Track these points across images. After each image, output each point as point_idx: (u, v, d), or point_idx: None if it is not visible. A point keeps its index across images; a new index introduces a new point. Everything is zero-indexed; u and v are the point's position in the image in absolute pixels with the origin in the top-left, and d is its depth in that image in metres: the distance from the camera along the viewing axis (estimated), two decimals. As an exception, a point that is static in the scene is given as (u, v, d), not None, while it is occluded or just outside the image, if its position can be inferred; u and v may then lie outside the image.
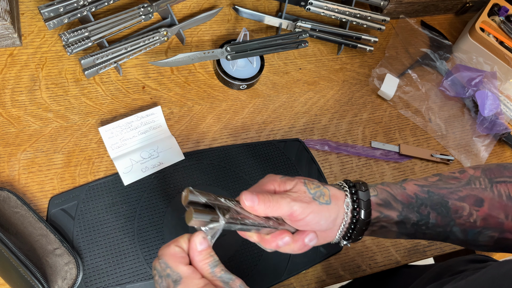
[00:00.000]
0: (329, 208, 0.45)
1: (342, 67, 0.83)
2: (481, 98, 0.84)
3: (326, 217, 0.45)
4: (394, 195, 0.48)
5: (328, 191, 0.46)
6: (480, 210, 0.47)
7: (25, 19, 0.70)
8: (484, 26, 0.87)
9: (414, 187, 0.49)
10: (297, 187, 0.45)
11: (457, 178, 0.49)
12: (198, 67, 0.75)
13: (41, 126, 0.64)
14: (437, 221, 0.48)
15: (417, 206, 0.48)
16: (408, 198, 0.48)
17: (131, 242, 0.60)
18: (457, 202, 0.47)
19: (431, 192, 0.48)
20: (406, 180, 0.50)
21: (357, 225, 0.46)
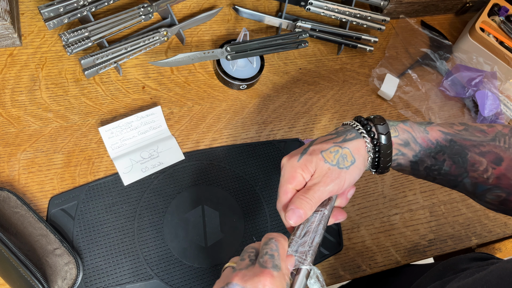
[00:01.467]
0: (356, 166, 0.46)
1: (342, 67, 0.83)
2: (481, 98, 0.84)
3: (358, 174, 0.46)
4: (414, 137, 0.48)
5: (349, 150, 0.46)
6: (497, 168, 0.47)
7: (25, 19, 0.70)
8: (484, 26, 0.87)
9: (437, 133, 0.49)
10: (319, 168, 0.45)
11: (483, 131, 0.49)
12: (198, 67, 0.75)
13: (41, 126, 0.64)
14: (450, 169, 0.48)
15: (434, 152, 0.48)
16: (428, 142, 0.48)
17: (131, 242, 0.60)
18: (477, 156, 0.47)
19: (453, 141, 0.48)
20: (431, 124, 0.50)
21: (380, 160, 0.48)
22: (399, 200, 0.74)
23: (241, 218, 0.65)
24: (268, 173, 0.69)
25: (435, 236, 0.72)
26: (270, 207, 0.67)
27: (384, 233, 0.70)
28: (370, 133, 0.47)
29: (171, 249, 0.60)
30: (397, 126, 0.49)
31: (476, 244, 0.78)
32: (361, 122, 0.48)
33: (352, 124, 0.49)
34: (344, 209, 0.70)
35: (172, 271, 0.59)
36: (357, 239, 0.69)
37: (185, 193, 0.64)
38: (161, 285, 0.58)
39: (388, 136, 0.47)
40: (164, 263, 0.60)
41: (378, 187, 0.74)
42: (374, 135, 0.47)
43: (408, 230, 0.71)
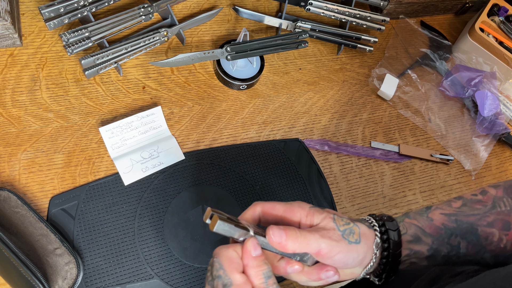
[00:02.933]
0: (358, 247, 0.43)
1: (342, 67, 0.84)
2: (481, 98, 0.84)
3: (354, 257, 0.43)
4: (422, 228, 0.46)
5: (358, 229, 0.43)
6: (509, 233, 0.46)
7: (26, 19, 0.70)
8: (483, 26, 0.87)
9: (441, 217, 0.47)
10: (325, 221, 0.43)
11: (481, 201, 0.48)
12: (198, 67, 0.75)
13: (42, 126, 0.64)
14: (467, 250, 0.46)
15: (447, 237, 0.46)
16: (437, 230, 0.46)
17: (131, 242, 0.60)
18: (486, 228, 0.46)
19: (459, 221, 0.47)
20: (431, 209, 0.48)
21: (387, 265, 0.44)
22: (399, 200, 0.74)
23: (241, 218, 0.65)
24: (268, 173, 0.69)
25: (435, 236, 0.72)
26: (270, 207, 0.67)
27: (384, 233, 0.70)
28: (381, 228, 0.45)
29: (171, 249, 0.61)
30: (404, 222, 0.46)
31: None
32: (373, 216, 0.47)
33: (367, 218, 0.47)
34: (344, 209, 0.70)
35: (172, 271, 0.60)
36: (357, 239, 0.69)
37: (185, 193, 0.64)
38: (161, 285, 0.58)
39: (398, 233, 0.44)
40: (164, 263, 0.60)
41: (378, 187, 0.74)
42: (385, 231, 0.44)
43: (408, 230, 0.72)
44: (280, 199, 0.68)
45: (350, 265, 0.43)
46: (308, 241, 0.41)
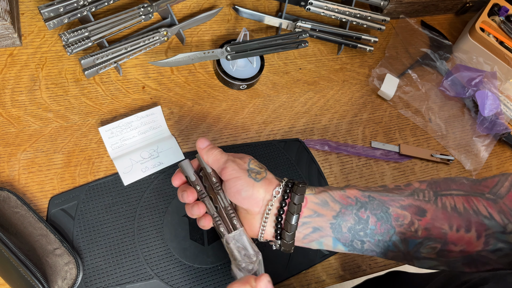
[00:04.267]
0: (254, 184, 0.47)
1: (342, 67, 0.83)
2: (481, 98, 0.84)
3: (247, 190, 0.46)
4: (332, 196, 0.47)
5: (265, 175, 0.48)
6: (422, 220, 0.45)
7: (25, 19, 0.70)
8: (484, 26, 0.87)
9: (354, 191, 0.47)
10: (244, 157, 0.49)
11: (400, 189, 0.48)
12: (198, 67, 0.75)
13: (41, 126, 0.64)
14: (376, 227, 0.46)
15: (356, 209, 0.46)
16: (347, 200, 0.46)
17: (131, 242, 0.60)
18: (399, 209, 0.46)
19: (372, 197, 0.47)
20: (348, 186, 0.49)
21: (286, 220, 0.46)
22: (399, 200, 0.74)
23: (241, 218, 0.65)
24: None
25: (435, 236, 0.72)
26: (270, 207, 0.66)
27: (384, 233, 0.70)
28: (288, 182, 0.47)
29: (171, 249, 0.60)
30: (315, 188, 0.48)
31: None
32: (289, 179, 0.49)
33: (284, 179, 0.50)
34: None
35: (172, 271, 0.59)
36: (357, 239, 0.69)
37: (185, 193, 0.64)
38: (161, 285, 0.58)
39: (303, 189, 0.46)
40: (164, 263, 0.60)
41: (378, 187, 0.74)
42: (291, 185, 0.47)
43: (408, 230, 0.71)
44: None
45: (243, 195, 0.47)
46: (220, 157, 0.49)
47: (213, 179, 0.50)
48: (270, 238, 0.49)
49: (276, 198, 0.46)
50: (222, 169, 0.48)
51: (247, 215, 0.48)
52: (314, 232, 0.47)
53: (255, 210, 0.47)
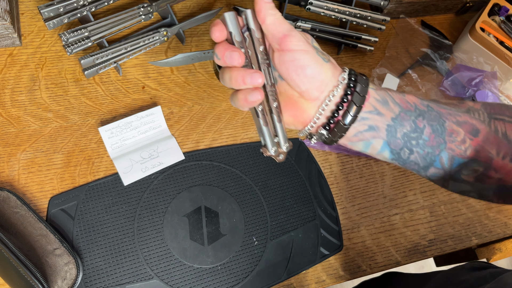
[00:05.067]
0: (323, 64, 0.40)
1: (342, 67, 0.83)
2: (482, 98, 0.84)
3: (315, 68, 0.40)
4: (392, 97, 0.42)
5: (330, 57, 0.41)
6: (474, 140, 0.43)
7: (25, 19, 0.70)
8: (484, 26, 0.87)
9: (413, 97, 0.44)
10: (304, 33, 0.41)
11: (456, 104, 0.45)
12: (198, 67, 0.75)
13: (41, 126, 0.64)
14: (429, 138, 0.43)
15: (414, 116, 0.43)
16: (407, 104, 0.43)
17: (131, 242, 0.60)
18: (454, 125, 0.43)
19: (430, 107, 0.44)
20: (405, 91, 0.45)
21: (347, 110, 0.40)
22: (399, 200, 0.73)
23: (241, 218, 0.65)
24: (268, 173, 0.69)
25: (435, 236, 0.72)
26: (270, 207, 0.66)
27: (384, 233, 0.70)
28: (351, 71, 0.42)
29: (171, 249, 0.60)
30: (373, 83, 0.43)
31: (476, 244, 0.78)
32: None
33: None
34: (344, 209, 0.70)
35: (172, 271, 0.59)
36: (357, 239, 0.69)
37: (185, 193, 0.64)
38: (161, 285, 0.58)
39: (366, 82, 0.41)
40: (164, 263, 0.59)
41: (378, 187, 0.74)
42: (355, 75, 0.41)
43: (408, 230, 0.71)
44: (280, 199, 0.68)
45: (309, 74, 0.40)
46: (284, 22, 0.39)
47: (261, 47, 0.41)
48: (317, 128, 0.43)
49: (342, 84, 0.41)
50: (285, 36, 0.39)
51: (299, 99, 0.42)
52: (368, 130, 0.42)
53: (314, 95, 0.41)
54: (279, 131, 0.42)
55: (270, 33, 0.39)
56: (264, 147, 0.42)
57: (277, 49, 0.40)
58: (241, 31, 0.40)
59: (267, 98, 0.41)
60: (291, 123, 0.43)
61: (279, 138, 0.42)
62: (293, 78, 0.40)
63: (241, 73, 0.38)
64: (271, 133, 0.42)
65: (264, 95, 0.40)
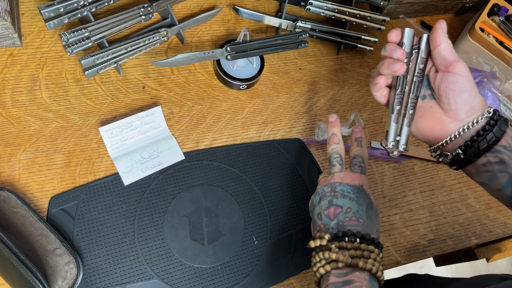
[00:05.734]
0: (478, 94, 0.45)
1: (342, 67, 0.83)
2: (481, 98, 0.84)
3: (471, 94, 0.45)
4: None
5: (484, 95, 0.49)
6: None
7: (25, 19, 0.70)
8: (484, 26, 0.87)
9: None
10: None
11: None
12: (198, 67, 0.75)
13: (41, 126, 0.64)
14: None
15: None
16: None
17: (131, 242, 0.60)
18: None
19: None
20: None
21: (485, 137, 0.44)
22: (399, 200, 0.74)
23: (241, 218, 0.65)
24: (268, 173, 0.69)
25: (435, 236, 0.72)
26: (270, 207, 0.67)
27: (384, 233, 0.70)
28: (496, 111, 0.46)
29: (171, 249, 0.60)
30: None
31: (476, 244, 0.78)
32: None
33: None
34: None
35: (172, 271, 0.59)
36: (357, 239, 0.69)
37: (185, 193, 0.64)
38: (161, 285, 0.58)
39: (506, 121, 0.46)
40: (164, 263, 0.60)
41: (378, 187, 0.74)
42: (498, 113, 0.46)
43: (408, 230, 0.72)
44: (280, 199, 0.68)
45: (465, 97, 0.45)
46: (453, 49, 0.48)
47: (421, 65, 0.50)
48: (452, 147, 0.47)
49: (486, 116, 0.45)
50: (455, 62, 0.46)
51: (442, 116, 0.47)
52: (498, 163, 0.45)
53: (461, 116, 0.46)
54: (404, 133, 0.50)
55: (441, 56, 0.47)
56: (385, 139, 0.51)
57: (443, 70, 0.47)
58: (411, 46, 0.51)
59: (406, 104, 0.50)
60: (426, 134, 0.49)
61: (401, 138, 0.51)
62: (449, 96, 0.46)
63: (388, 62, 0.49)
64: (396, 131, 0.51)
65: (406, 69, 0.49)
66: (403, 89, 0.51)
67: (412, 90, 0.50)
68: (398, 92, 0.51)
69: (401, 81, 0.51)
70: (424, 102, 0.50)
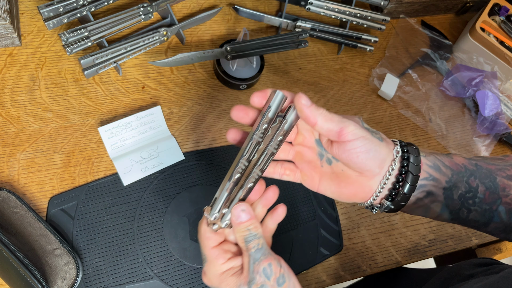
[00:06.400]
0: (380, 143, 0.42)
1: (342, 67, 0.83)
2: (482, 98, 0.84)
3: (375, 150, 0.41)
4: (442, 161, 0.45)
5: (381, 134, 0.43)
6: None
7: (25, 19, 0.70)
8: (484, 26, 0.87)
9: (461, 159, 0.46)
10: (352, 117, 0.43)
11: (501, 159, 0.48)
12: (198, 67, 0.75)
13: (41, 126, 0.64)
14: (484, 196, 0.45)
15: (466, 176, 0.45)
16: (457, 166, 0.45)
17: (131, 242, 0.60)
18: (505, 180, 0.45)
19: (479, 166, 0.46)
20: (451, 154, 0.47)
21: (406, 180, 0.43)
22: (399, 200, 0.73)
23: (241, 218, 0.64)
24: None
25: (436, 236, 0.72)
26: (270, 207, 0.66)
27: (384, 233, 0.70)
28: (401, 143, 0.44)
29: (171, 249, 0.60)
30: (423, 150, 0.46)
31: (477, 244, 0.78)
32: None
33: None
34: (344, 209, 0.70)
35: (172, 271, 0.59)
36: (357, 239, 0.69)
37: (185, 193, 0.64)
38: (161, 285, 0.58)
39: (418, 151, 0.43)
40: (164, 263, 0.59)
41: (378, 187, 0.73)
42: (405, 145, 0.44)
43: (408, 230, 0.71)
44: (280, 199, 0.67)
45: (371, 158, 0.42)
46: (332, 116, 0.41)
47: (279, 137, 0.43)
48: (380, 200, 0.45)
49: (398, 157, 0.43)
50: (341, 129, 0.40)
51: (358, 177, 0.44)
52: (426, 197, 0.45)
53: (375, 172, 0.43)
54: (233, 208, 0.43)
55: (325, 130, 0.41)
56: (210, 207, 0.43)
57: (336, 141, 0.42)
58: (277, 113, 0.42)
59: (247, 176, 0.43)
60: (350, 199, 0.46)
61: (227, 212, 0.43)
62: (355, 162, 0.42)
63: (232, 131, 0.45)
64: (224, 202, 0.43)
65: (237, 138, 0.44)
66: (250, 157, 0.42)
67: (260, 162, 0.43)
68: (244, 158, 0.42)
69: (251, 147, 0.42)
70: (333, 166, 0.45)
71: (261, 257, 0.39)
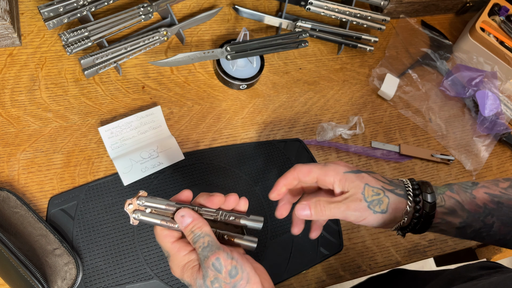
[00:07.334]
0: (383, 216, 0.45)
1: (342, 67, 0.83)
2: (482, 98, 0.84)
3: (378, 223, 0.46)
4: (462, 204, 0.47)
5: (388, 200, 0.46)
6: None
7: (25, 19, 0.70)
8: (484, 26, 0.87)
9: (484, 196, 0.47)
10: (354, 190, 0.45)
11: None
12: (198, 67, 0.75)
13: (41, 126, 0.64)
14: (499, 230, 0.47)
15: (483, 216, 0.46)
16: (476, 207, 0.47)
17: (131, 242, 0.60)
18: None
19: (501, 203, 0.47)
20: (477, 186, 0.48)
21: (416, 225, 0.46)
22: (399, 200, 0.73)
23: (241, 218, 0.64)
24: (268, 173, 0.69)
25: (435, 236, 0.72)
26: (270, 207, 0.66)
27: (384, 233, 0.70)
28: (416, 198, 0.46)
29: (171, 249, 0.60)
30: (444, 195, 0.47)
31: (477, 244, 0.78)
32: (413, 185, 0.47)
33: (405, 182, 0.48)
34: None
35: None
36: (357, 239, 0.69)
37: (185, 193, 0.64)
38: (161, 285, 0.58)
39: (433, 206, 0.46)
40: (164, 263, 0.59)
41: (378, 187, 0.73)
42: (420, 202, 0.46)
43: (408, 230, 0.71)
44: (280, 199, 0.68)
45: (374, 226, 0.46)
46: (332, 213, 0.45)
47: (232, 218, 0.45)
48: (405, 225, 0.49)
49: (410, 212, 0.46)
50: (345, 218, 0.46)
51: None
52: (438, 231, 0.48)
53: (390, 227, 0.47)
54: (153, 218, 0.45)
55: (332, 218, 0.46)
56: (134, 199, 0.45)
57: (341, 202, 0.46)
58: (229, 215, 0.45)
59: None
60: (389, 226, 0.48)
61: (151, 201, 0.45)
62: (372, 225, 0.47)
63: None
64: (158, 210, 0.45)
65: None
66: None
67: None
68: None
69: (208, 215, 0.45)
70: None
71: (208, 253, 0.40)
